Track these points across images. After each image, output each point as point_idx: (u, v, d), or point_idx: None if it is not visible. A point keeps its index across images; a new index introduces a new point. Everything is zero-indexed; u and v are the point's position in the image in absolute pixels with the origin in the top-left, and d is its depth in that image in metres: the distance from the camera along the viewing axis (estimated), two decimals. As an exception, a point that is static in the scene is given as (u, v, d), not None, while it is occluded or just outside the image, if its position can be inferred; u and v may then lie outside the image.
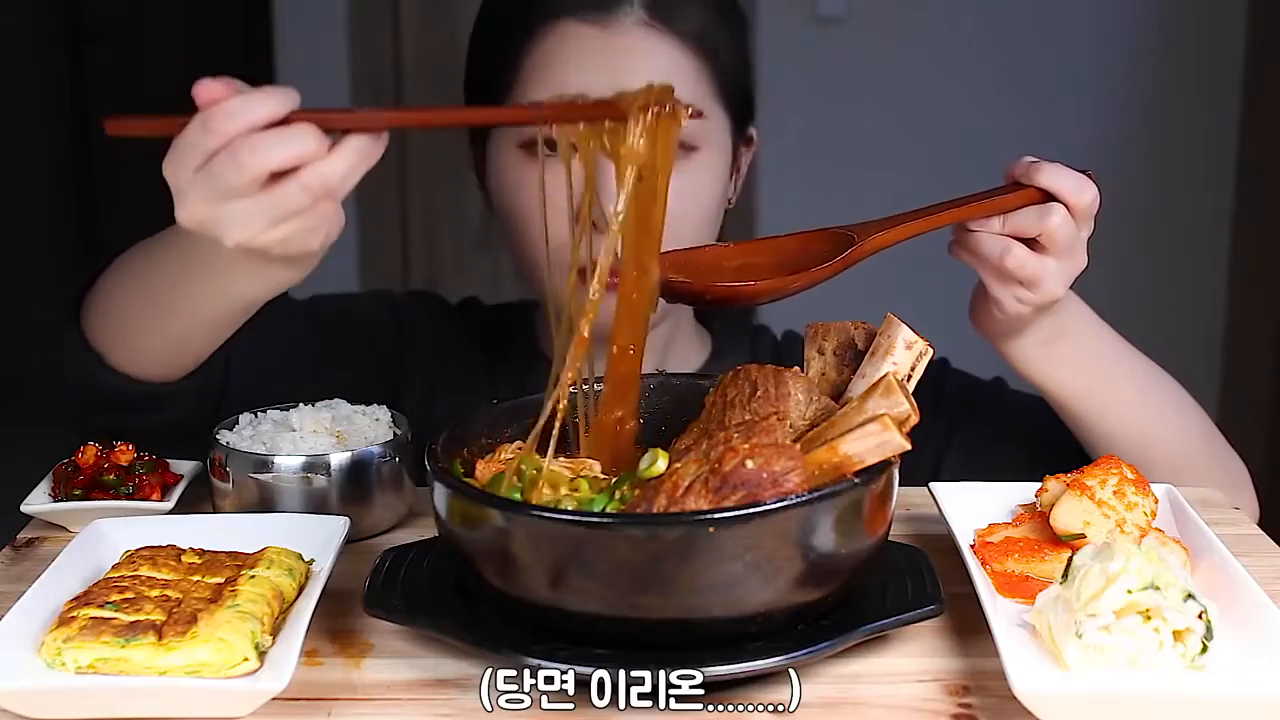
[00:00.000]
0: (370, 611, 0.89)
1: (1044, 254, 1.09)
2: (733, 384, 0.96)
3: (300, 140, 0.87)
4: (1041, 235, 1.08)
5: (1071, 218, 1.09)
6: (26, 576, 0.95)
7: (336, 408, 1.15)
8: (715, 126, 1.29)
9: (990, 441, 1.32)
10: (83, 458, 1.11)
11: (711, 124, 1.28)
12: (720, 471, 0.82)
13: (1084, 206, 1.09)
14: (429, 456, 0.91)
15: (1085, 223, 1.10)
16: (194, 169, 0.87)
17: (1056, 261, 1.09)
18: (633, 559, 0.80)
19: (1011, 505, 1.05)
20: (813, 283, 1.01)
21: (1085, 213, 1.09)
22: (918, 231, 1.07)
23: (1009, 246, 1.09)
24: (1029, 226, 1.09)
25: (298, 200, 0.87)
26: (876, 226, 1.05)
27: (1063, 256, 1.09)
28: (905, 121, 3.43)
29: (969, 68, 3.41)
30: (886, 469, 0.86)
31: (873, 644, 0.89)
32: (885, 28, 3.41)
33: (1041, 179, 1.08)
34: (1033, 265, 1.09)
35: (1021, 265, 1.09)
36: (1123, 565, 0.82)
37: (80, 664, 0.81)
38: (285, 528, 0.99)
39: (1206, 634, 0.81)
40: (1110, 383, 1.21)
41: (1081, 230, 1.10)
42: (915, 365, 0.94)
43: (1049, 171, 1.09)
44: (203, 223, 0.89)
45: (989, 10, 3.39)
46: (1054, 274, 1.10)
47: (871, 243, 1.04)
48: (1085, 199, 1.09)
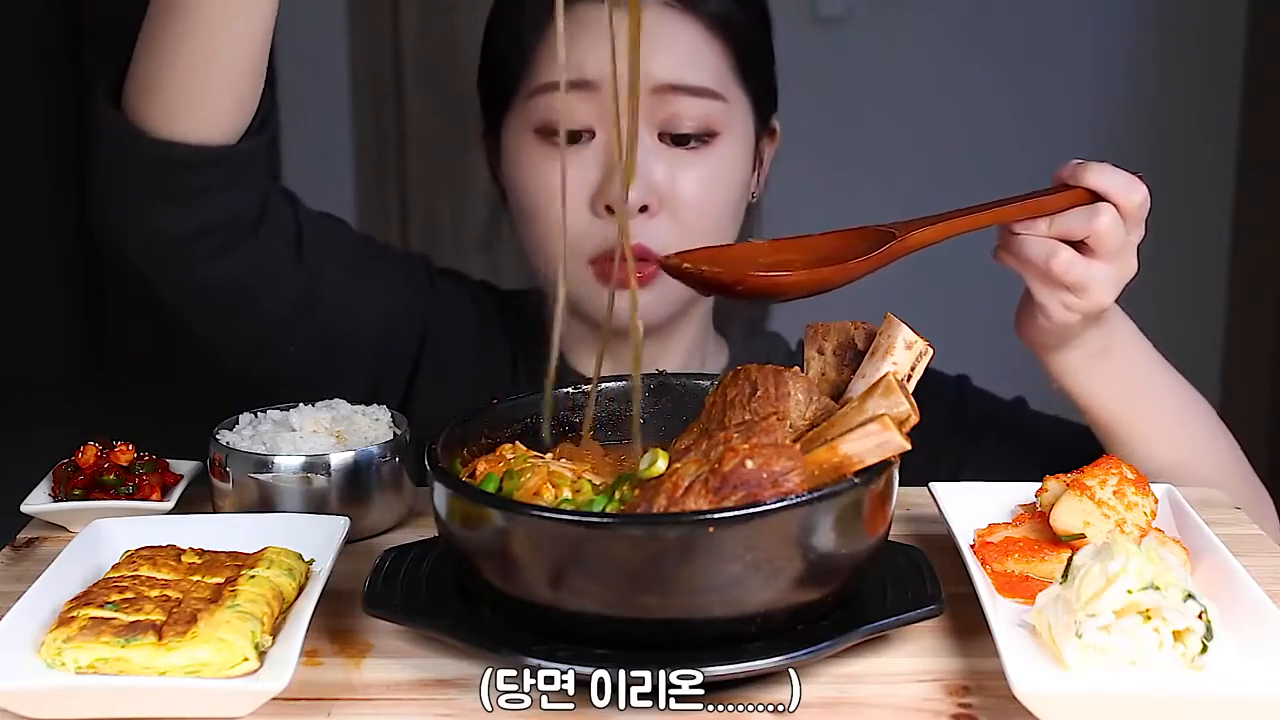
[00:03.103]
0: (370, 611, 0.89)
1: (1092, 258, 1.06)
2: (733, 384, 0.96)
3: None
4: (1090, 237, 1.05)
5: (1121, 219, 1.05)
6: (26, 576, 0.95)
7: (336, 408, 1.15)
8: (737, 112, 1.28)
9: (1009, 461, 1.30)
10: (83, 458, 1.11)
11: (733, 109, 1.27)
12: (720, 471, 0.82)
13: (1134, 207, 1.06)
14: (429, 457, 0.91)
15: (1135, 226, 1.07)
16: None
17: (1105, 265, 1.06)
18: (633, 559, 0.80)
19: (1011, 505, 1.05)
20: (850, 277, 0.98)
21: (1135, 214, 1.06)
22: (959, 230, 1.03)
23: (1055, 249, 1.05)
24: (1077, 228, 1.05)
25: None
26: (917, 224, 1.02)
27: (1112, 260, 1.06)
28: (905, 121, 3.43)
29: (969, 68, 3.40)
30: (886, 469, 0.86)
31: (873, 644, 0.89)
32: (885, 28, 3.41)
33: (1089, 179, 1.05)
34: (1080, 269, 1.05)
35: (1068, 269, 1.05)
36: (1123, 565, 0.82)
37: (80, 664, 0.81)
38: (285, 528, 0.99)
39: (1206, 634, 0.81)
40: (1152, 405, 1.17)
41: (1131, 234, 1.07)
42: (915, 365, 0.94)
43: (1097, 171, 1.06)
44: None
45: (989, 10, 3.39)
46: (1102, 279, 1.06)
47: (912, 239, 1.00)
48: (1135, 199, 1.05)
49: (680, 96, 1.23)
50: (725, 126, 1.26)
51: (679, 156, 1.24)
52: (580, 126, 1.23)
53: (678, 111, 1.23)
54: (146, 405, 3.83)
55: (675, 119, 1.23)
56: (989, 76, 3.39)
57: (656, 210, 1.24)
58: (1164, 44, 3.38)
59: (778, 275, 0.97)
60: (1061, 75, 3.39)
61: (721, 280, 0.96)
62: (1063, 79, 3.39)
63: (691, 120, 1.24)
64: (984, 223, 1.05)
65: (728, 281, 0.96)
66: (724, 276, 0.96)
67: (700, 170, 1.22)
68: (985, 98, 3.40)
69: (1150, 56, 3.40)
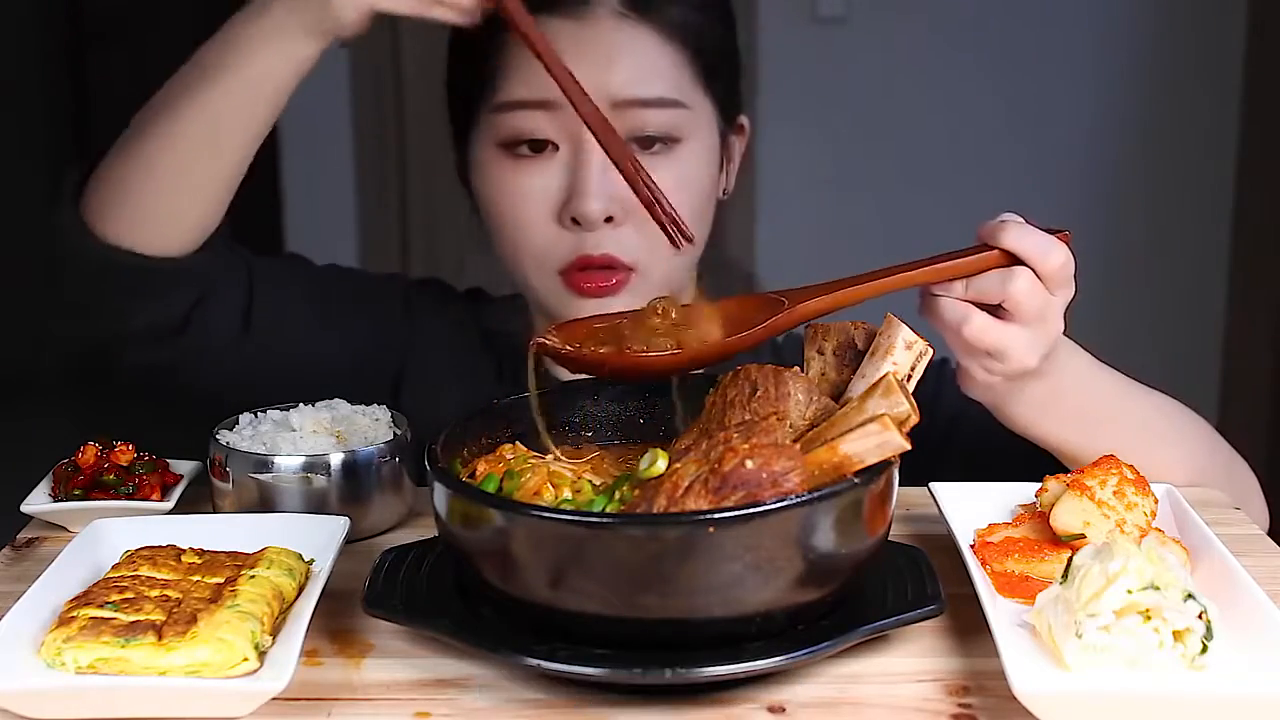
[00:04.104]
0: (370, 611, 0.89)
1: (1010, 321, 1.01)
2: (732, 384, 0.96)
3: None
4: (1005, 301, 1.00)
5: (1040, 282, 1.00)
6: (26, 576, 0.95)
7: (336, 408, 1.15)
8: (700, 117, 1.28)
9: (989, 442, 1.31)
10: (83, 458, 1.11)
11: (695, 114, 1.28)
12: (720, 471, 0.82)
13: (1052, 270, 1.00)
14: (429, 457, 0.91)
15: (1059, 287, 1.01)
16: None
17: (1023, 329, 1.01)
18: (632, 559, 0.80)
19: (1011, 505, 1.05)
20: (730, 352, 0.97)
21: (1055, 277, 1.00)
22: (859, 298, 0.99)
23: (968, 315, 1.01)
24: (992, 292, 1.00)
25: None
26: (812, 292, 0.99)
27: (1031, 324, 1.01)
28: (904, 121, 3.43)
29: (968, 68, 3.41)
30: (886, 469, 0.86)
31: (873, 644, 0.89)
32: (885, 28, 3.41)
33: (1004, 240, 1.00)
34: (995, 334, 1.01)
35: (982, 334, 1.01)
36: (1123, 565, 0.82)
37: (80, 664, 0.81)
38: (285, 528, 0.99)
39: (1206, 634, 0.81)
40: (1113, 431, 1.13)
41: (1056, 295, 1.01)
42: (915, 365, 0.94)
43: (1013, 232, 1.00)
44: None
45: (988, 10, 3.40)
46: (1021, 343, 1.01)
47: (800, 310, 0.98)
48: (1053, 262, 1.00)
49: (640, 110, 1.24)
50: (688, 132, 1.27)
51: (643, 162, 1.24)
52: (544, 138, 1.24)
53: (639, 124, 1.24)
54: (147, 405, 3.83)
55: (637, 129, 1.24)
56: (988, 77, 3.40)
57: (621, 220, 1.24)
58: (1164, 44, 3.39)
59: (646, 356, 0.95)
60: (1060, 75, 3.39)
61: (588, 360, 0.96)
62: (1062, 79, 3.39)
63: (653, 128, 1.25)
64: (891, 287, 1.00)
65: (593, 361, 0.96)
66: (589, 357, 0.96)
67: (667, 174, 1.22)
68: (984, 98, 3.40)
69: (1150, 56, 3.40)
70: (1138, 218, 3.33)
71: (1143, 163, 3.38)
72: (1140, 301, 3.24)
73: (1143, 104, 3.40)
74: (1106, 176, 3.37)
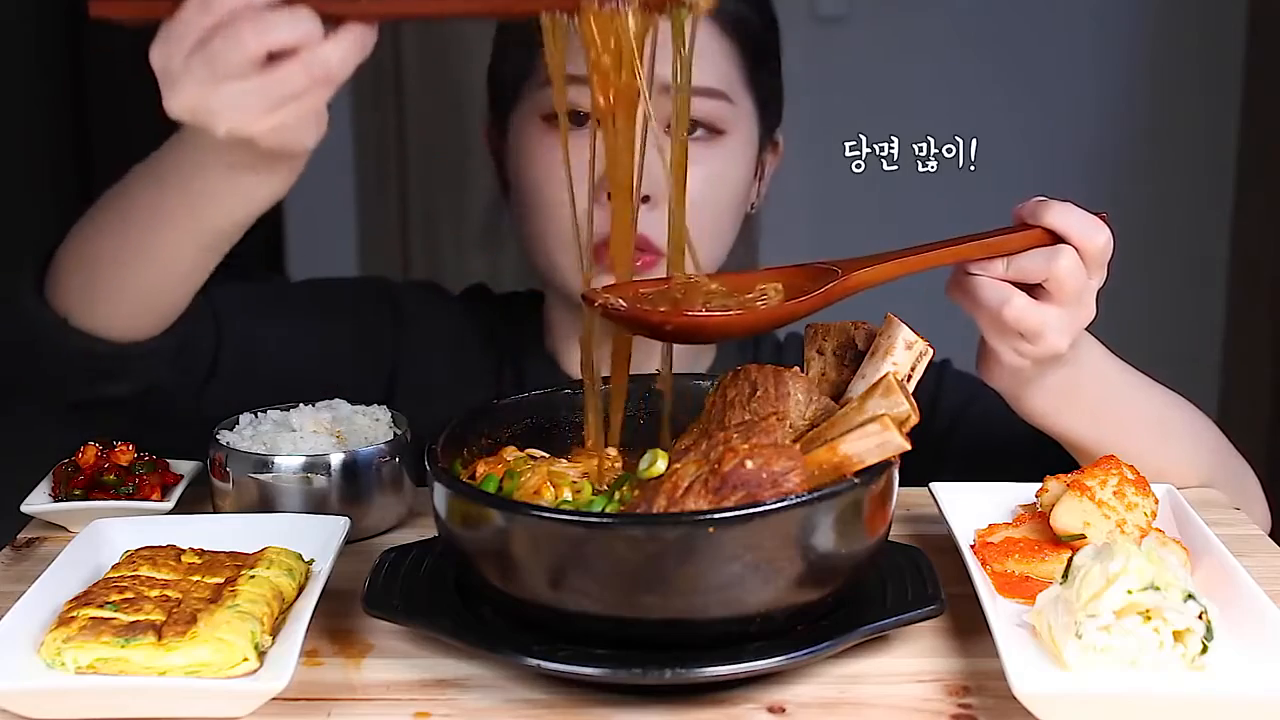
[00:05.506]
0: (370, 611, 0.89)
1: (1048, 302, 1.01)
2: (732, 384, 0.96)
3: (303, 21, 0.84)
4: (1048, 280, 1.00)
5: (1082, 263, 1.00)
6: (26, 576, 0.95)
7: (336, 408, 1.15)
8: (743, 114, 1.28)
9: (990, 442, 1.32)
10: (83, 458, 1.11)
11: (739, 111, 1.28)
12: (720, 472, 0.82)
13: (1095, 250, 1.00)
14: (429, 457, 0.91)
15: (1096, 269, 1.01)
16: (188, 51, 0.85)
17: (1061, 311, 1.01)
18: (632, 559, 0.80)
19: (1011, 505, 1.05)
20: (784, 319, 0.95)
21: (1097, 257, 1.01)
22: (910, 270, 0.98)
23: (1009, 296, 1.00)
24: (1035, 270, 1.00)
25: (296, 82, 0.85)
26: (864, 262, 0.97)
27: (1069, 305, 1.01)
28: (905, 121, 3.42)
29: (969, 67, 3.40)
30: (886, 469, 0.86)
31: (872, 644, 0.89)
32: (885, 27, 3.41)
33: (1049, 218, 1.00)
34: (1033, 316, 1.01)
35: (1022, 316, 1.01)
36: (1123, 565, 0.82)
37: (80, 664, 0.81)
38: (285, 528, 0.99)
39: (1206, 634, 0.81)
40: (1126, 427, 1.14)
41: (1092, 277, 1.02)
42: (915, 365, 0.94)
43: (1058, 210, 1.00)
44: (195, 109, 0.86)
45: (989, 10, 3.39)
46: (1057, 325, 1.01)
47: (854, 279, 0.96)
48: (1098, 242, 1.00)
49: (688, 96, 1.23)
50: (731, 126, 1.26)
51: None
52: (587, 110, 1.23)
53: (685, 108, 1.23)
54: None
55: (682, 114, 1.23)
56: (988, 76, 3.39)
57: (658, 201, 1.24)
58: (1164, 44, 3.38)
59: (708, 316, 0.93)
60: (1062, 75, 3.39)
61: (649, 319, 0.92)
62: (1063, 79, 3.39)
63: (698, 115, 1.24)
64: (938, 261, 1.00)
65: (655, 321, 0.92)
66: (651, 316, 0.92)
67: (703, 167, 1.22)
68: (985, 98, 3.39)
69: (1150, 56, 3.39)
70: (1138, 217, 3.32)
71: (1143, 163, 3.38)
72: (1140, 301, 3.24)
73: (1143, 104, 3.40)
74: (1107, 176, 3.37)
